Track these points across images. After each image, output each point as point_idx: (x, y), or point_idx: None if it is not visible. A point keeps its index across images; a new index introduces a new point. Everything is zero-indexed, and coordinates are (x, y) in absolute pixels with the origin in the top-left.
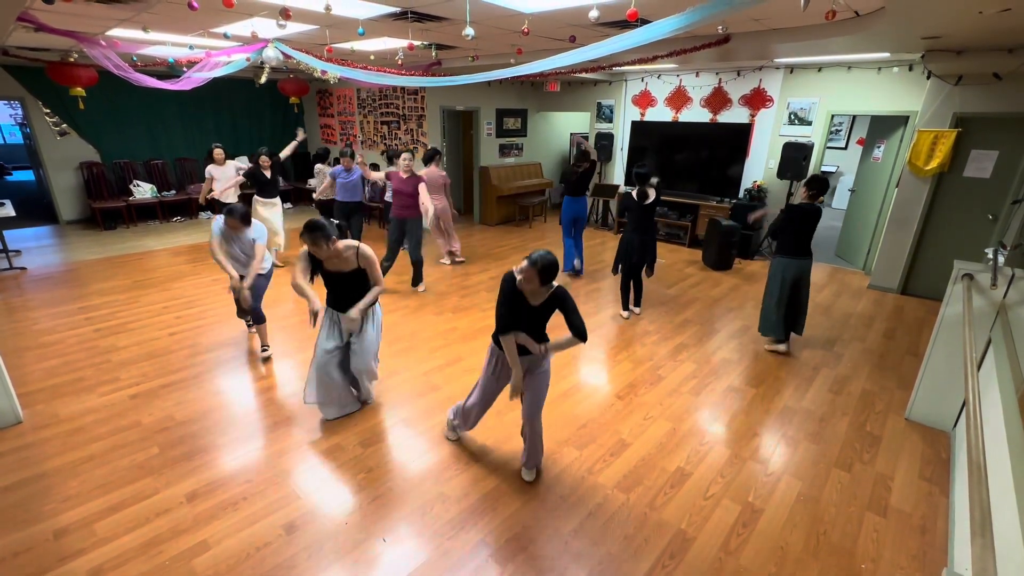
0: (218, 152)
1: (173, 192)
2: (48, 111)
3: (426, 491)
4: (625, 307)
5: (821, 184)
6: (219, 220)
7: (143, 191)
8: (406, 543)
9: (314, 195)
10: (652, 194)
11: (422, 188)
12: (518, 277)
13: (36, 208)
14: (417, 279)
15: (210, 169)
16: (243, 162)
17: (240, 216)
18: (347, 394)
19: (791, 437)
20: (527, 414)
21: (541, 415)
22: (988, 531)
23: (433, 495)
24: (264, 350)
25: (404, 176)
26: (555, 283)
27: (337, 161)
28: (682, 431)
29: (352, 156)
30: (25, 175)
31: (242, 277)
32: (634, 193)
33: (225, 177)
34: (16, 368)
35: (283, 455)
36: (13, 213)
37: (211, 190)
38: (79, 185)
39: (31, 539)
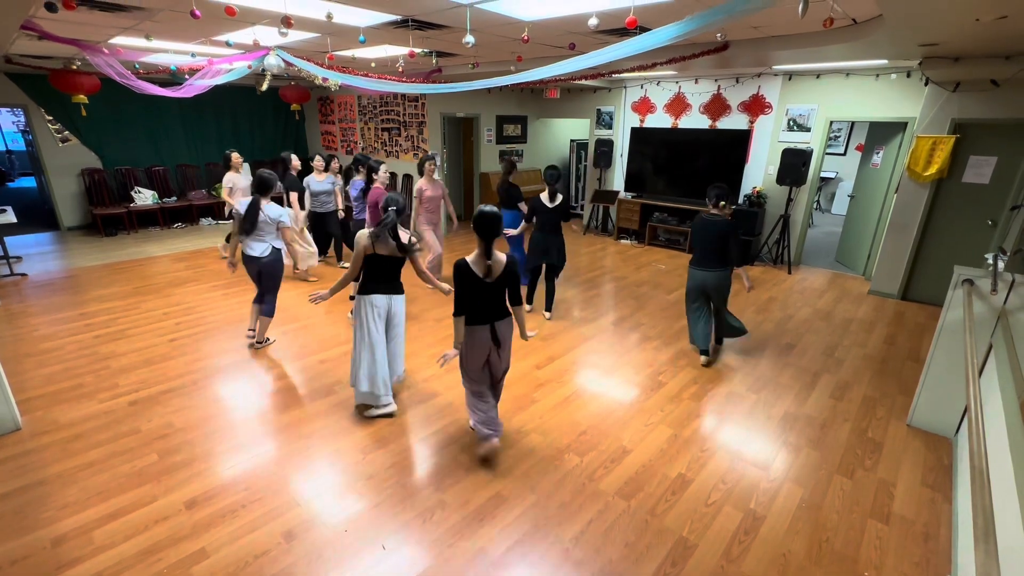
0: (236, 157)
1: (174, 198)
2: (51, 118)
3: (426, 498)
4: (529, 300)
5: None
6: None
7: (144, 197)
8: (406, 551)
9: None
10: (560, 197)
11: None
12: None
13: (38, 214)
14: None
15: (229, 177)
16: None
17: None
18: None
19: (792, 443)
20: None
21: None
22: (992, 538)
23: (433, 502)
24: (257, 342)
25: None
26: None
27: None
28: (683, 437)
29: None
30: (26, 181)
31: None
32: (544, 196)
33: (244, 185)
34: (16, 375)
35: (282, 462)
36: (14, 219)
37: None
38: (80, 192)
39: (29, 547)
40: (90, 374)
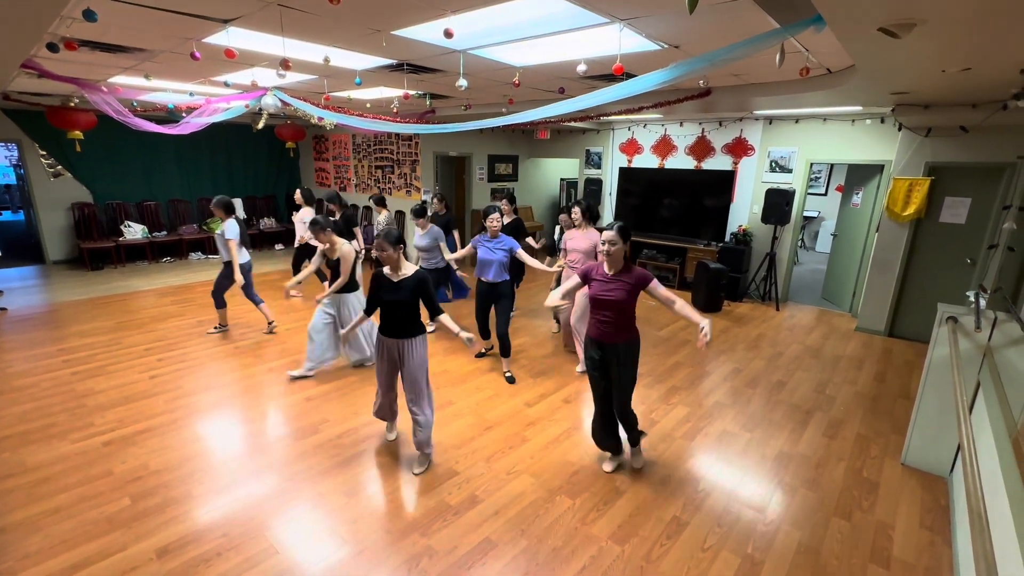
0: (297, 196)
1: (164, 233)
2: (44, 153)
3: (412, 544)
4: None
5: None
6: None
7: (134, 232)
8: None
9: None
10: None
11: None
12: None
13: (23, 248)
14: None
15: (302, 215)
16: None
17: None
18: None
19: (788, 484)
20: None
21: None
22: None
23: (420, 548)
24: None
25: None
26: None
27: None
28: (677, 477)
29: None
30: (9, 215)
31: None
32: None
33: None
34: None
35: (262, 505)
36: None
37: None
38: (69, 225)
39: None
40: (64, 412)
